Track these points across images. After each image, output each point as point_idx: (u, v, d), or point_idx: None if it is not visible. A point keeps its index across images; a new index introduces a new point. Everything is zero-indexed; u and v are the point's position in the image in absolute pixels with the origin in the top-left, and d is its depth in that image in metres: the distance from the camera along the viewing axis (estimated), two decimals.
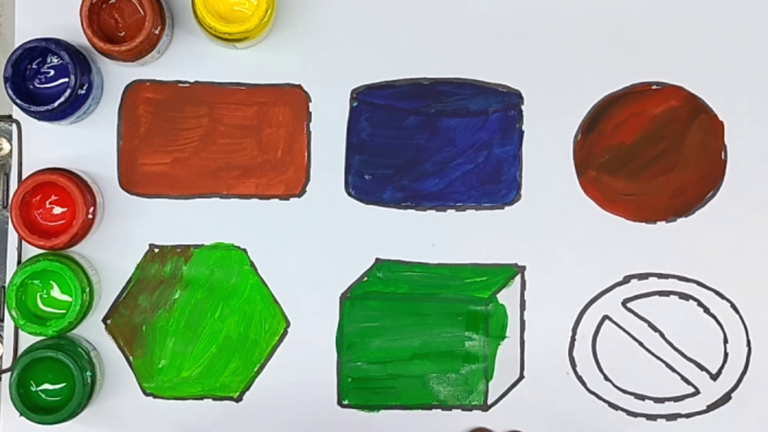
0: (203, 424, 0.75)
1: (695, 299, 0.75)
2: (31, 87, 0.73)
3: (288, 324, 0.75)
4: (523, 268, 0.75)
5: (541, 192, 0.75)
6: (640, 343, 0.75)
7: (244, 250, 0.75)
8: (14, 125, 0.75)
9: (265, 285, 0.75)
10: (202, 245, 0.75)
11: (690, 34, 0.76)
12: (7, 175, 0.75)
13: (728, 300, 0.75)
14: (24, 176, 0.74)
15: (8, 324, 0.74)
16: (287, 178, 0.75)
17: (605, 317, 0.75)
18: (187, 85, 0.75)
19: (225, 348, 0.75)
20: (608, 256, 0.75)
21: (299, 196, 0.75)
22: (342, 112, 0.76)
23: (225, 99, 0.75)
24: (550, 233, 0.75)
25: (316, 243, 0.75)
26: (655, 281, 0.75)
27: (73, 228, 0.71)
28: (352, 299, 0.75)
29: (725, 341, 0.75)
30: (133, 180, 0.75)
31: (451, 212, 0.76)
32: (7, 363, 0.74)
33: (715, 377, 0.75)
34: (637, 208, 0.76)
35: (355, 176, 0.75)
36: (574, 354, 0.75)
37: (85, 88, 0.72)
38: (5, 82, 0.71)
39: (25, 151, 0.75)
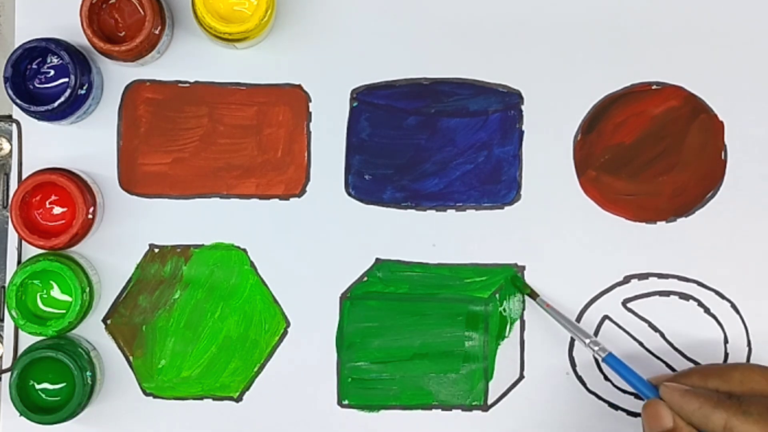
0: (203, 424, 0.75)
1: (695, 299, 0.75)
2: (31, 87, 0.73)
3: (288, 324, 0.75)
4: (523, 268, 0.75)
5: (541, 192, 0.75)
6: (641, 343, 0.75)
7: (244, 250, 0.75)
8: (14, 125, 0.75)
9: (265, 285, 0.75)
10: (202, 245, 0.75)
11: (690, 34, 0.76)
12: (7, 175, 0.75)
13: (728, 300, 0.75)
14: (24, 176, 0.74)
15: (8, 324, 0.74)
16: (287, 178, 0.75)
17: (605, 317, 0.75)
18: (187, 85, 0.75)
19: (225, 348, 0.75)
20: (608, 256, 0.75)
21: (299, 196, 0.75)
22: (342, 112, 0.76)
23: (225, 99, 0.75)
24: (550, 233, 0.75)
25: (316, 243, 0.75)
26: (655, 281, 0.75)
27: (73, 228, 0.72)
28: (352, 299, 0.75)
29: (725, 341, 0.75)
30: (133, 180, 0.75)
31: (451, 212, 0.76)
32: (7, 363, 0.74)
33: None
34: (637, 208, 0.76)
35: (355, 176, 0.75)
36: (574, 354, 0.75)
37: (85, 88, 0.72)
38: (5, 82, 0.71)
39: (25, 151, 0.75)
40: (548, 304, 0.74)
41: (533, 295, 0.74)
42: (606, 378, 0.75)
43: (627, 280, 0.75)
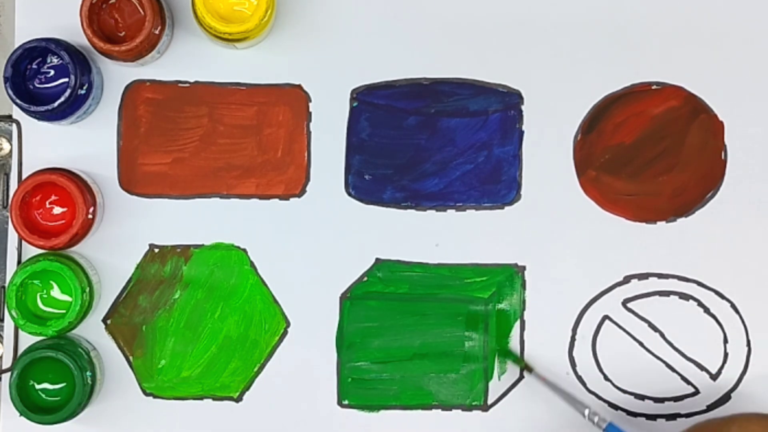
0: (203, 424, 0.75)
1: (695, 299, 0.75)
2: (31, 87, 0.73)
3: (288, 324, 0.75)
4: (523, 268, 0.75)
5: (541, 192, 0.75)
6: (640, 343, 0.75)
7: (244, 250, 0.75)
8: (14, 125, 0.75)
9: (265, 285, 0.75)
10: (202, 245, 0.75)
11: (690, 34, 0.76)
12: (7, 175, 0.75)
13: (728, 300, 0.75)
14: (24, 176, 0.74)
15: (8, 324, 0.74)
16: (287, 178, 0.75)
17: (605, 317, 0.75)
18: (187, 85, 0.75)
19: (225, 348, 0.75)
20: (608, 256, 0.75)
21: (299, 196, 0.75)
22: (342, 112, 0.76)
23: (225, 99, 0.75)
24: (550, 233, 0.75)
25: (316, 243, 0.75)
26: (656, 281, 0.75)
27: (73, 228, 0.71)
28: (352, 299, 0.75)
29: (725, 341, 0.75)
30: (133, 180, 0.75)
31: (451, 212, 0.76)
32: (7, 363, 0.74)
33: (715, 377, 0.75)
34: (637, 208, 0.76)
35: (355, 176, 0.75)
36: (574, 354, 0.75)
37: (85, 88, 0.72)
38: (5, 82, 0.71)
39: (25, 151, 0.75)
40: (544, 377, 0.74)
41: (528, 368, 0.74)
42: (606, 378, 0.75)
43: (627, 280, 0.75)
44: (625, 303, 0.75)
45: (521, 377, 0.75)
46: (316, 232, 0.75)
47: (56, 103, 0.71)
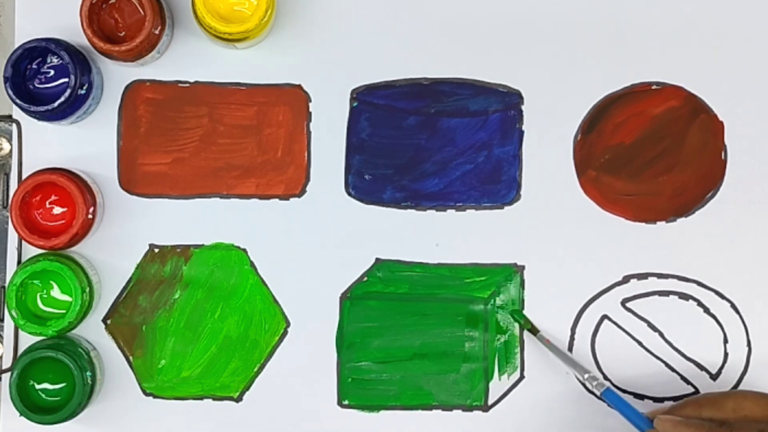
0: (203, 424, 0.75)
1: (695, 299, 0.75)
2: (31, 87, 0.73)
3: (288, 324, 0.75)
4: (523, 268, 0.75)
5: (541, 192, 0.75)
6: (640, 343, 0.75)
7: (244, 250, 0.75)
8: (14, 125, 0.75)
9: (265, 285, 0.75)
10: (202, 245, 0.75)
11: (690, 34, 0.76)
12: (7, 175, 0.75)
13: (728, 300, 0.75)
14: (24, 176, 0.74)
15: (8, 324, 0.74)
16: (287, 178, 0.75)
17: (604, 317, 0.75)
18: (187, 85, 0.75)
19: (225, 348, 0.75)
20: (608, 256, 0.75)
21: (299, 196, 0.75)
22: (342, 112, 0.76)
23: (225, 99, 0.75)
24: (550, 233, 0.75)
25: (316, 243, 0.75)
26: (655, 281, 0.75)
27: (73, 228, 0.71)
28: (352, 299, 0.75)
29: (725, 341, 0.75)
30: (133, 180, 0.75)
31: (451, 212, 0.76)
32: (7, 363, 0.74)
33: (715, 377, 0.75)
34: (637, 208, 0.76)
35: (355, 176, 0.75)
36: (573, 353, 0.75)
37: (85, 88, 0.72)
38: (5, 82, 0.71)
39: (25, 151, 0.75)
40: (548, 339, 0.74)
41: (534, 330, 0.74)
42: (606, 378, 0.75)
43: (626, 279, 0.76)
44: (624, 303, 0.75)
45: (521, 377, 0.75)
46: (316, 232, 0.75)
47: (56, 103, 0.71)
